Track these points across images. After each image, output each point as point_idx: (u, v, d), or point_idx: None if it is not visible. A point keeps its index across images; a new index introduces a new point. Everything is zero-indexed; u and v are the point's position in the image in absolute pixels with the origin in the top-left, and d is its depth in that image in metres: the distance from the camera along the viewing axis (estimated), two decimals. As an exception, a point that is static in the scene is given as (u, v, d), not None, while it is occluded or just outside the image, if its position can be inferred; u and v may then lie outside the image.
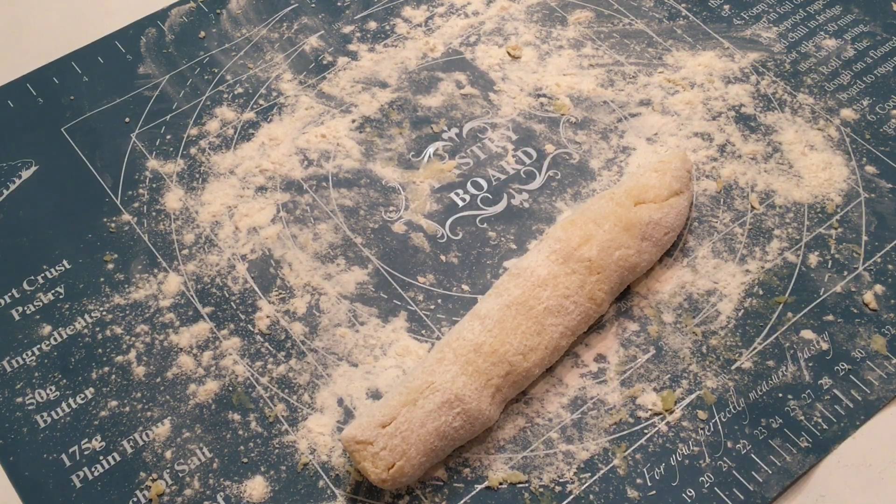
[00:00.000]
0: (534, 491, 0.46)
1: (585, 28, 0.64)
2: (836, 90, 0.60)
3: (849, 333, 0.51)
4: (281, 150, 0.59)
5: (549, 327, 0.48)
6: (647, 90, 0.61)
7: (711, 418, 0.48)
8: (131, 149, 0.59)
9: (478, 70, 0.62)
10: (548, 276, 0.49)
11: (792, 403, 0.48)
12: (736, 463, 0.47)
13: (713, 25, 0.64)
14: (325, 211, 0.56)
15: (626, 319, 0.51)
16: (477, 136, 0.59)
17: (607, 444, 0.47)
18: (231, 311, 0.52)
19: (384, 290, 0.53)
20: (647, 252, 0.51)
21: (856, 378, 0.49)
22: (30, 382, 0.50)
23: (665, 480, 0.46)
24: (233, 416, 0.49)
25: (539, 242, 0.51)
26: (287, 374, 0.50)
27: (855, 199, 0.56)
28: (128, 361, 0.51)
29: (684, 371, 0.50)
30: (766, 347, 0.50)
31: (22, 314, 0.53)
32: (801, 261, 0.53)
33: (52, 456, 0.48)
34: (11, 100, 0.62)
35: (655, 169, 0.53)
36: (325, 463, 0.47)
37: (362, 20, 0.65)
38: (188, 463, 0.48)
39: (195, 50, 0.64)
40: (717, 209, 0.56)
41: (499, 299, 0.48)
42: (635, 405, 0.49)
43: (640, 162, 0.57)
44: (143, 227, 0.56)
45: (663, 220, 0.51)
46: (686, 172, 0.53)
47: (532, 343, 0.47)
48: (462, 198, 0.57)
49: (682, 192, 0.53)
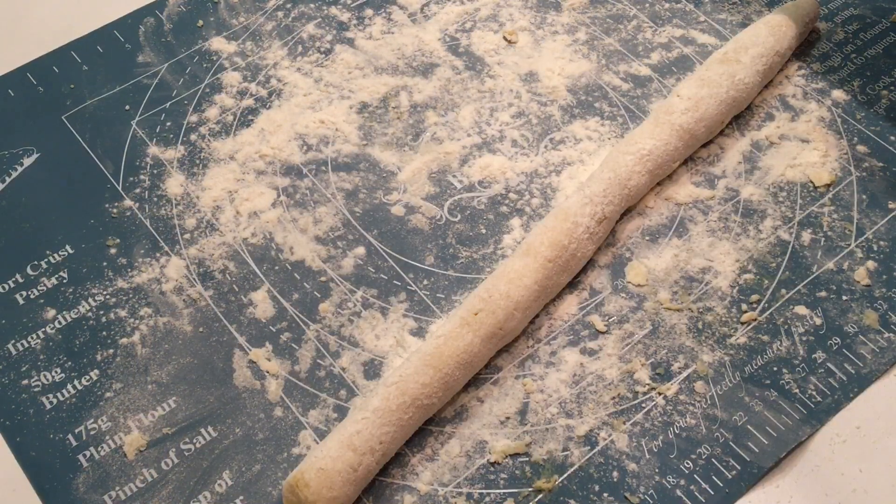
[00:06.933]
0: (535, 463, 0.47)
1: (580, 14, 0.65)
2: (827, 72, 0.61)
3: (841, 309, 0.52)
4: (280, 135, 0.60)
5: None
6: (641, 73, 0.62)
7: (708, 392, 0.49)
8: (132, 136, 0.60)
9: (474, 55, 0.63)
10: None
11: (787, 377, 0.49)
12: (732, 434, 0.48)
13: (705, 9, 0.65)
14: (324, 195, 0.57)
15: (623, 297, 0.52)
16: (474, 120, 0.60)
17: (606, 417, 0.48)
18: (233, 294, 0.53)
19: (384, 272, 0.54)
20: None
21: (849, 352, 0.50)
22: (35, 365, 0.51)
23: (663, 452, 0.47)
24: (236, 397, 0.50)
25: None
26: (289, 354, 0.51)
27: (847, 177, 0.57)
28: (132, 343, 0.51)
29: (681, 346, 0.50)
30: (760, 323, 0.51)
31: (26, 298, 0.53)
32: (795, 238, 0.54)
33: (58, 436, 0.49)
34: (12, 89, 0.62)
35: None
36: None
37: (359, 7, 0.66)
38: (193, 442, 0.48)
39: (193, 38, 0.65)
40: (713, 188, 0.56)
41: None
42: (633, 380, 0.49)
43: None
44: (145, 212, 0.56)
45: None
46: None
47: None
48: (460, 180, 0.58)
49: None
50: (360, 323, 0.52)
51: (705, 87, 0.56)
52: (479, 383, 0.50)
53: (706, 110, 0.56)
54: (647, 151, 0.54)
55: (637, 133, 0.55)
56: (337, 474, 0.44)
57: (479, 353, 0.48)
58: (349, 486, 0.44)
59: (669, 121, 0.55)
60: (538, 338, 0.51)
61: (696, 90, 0.56)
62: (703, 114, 0.56)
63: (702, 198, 0.56)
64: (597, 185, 0.53)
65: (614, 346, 0.51)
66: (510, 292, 0.49)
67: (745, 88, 0.57)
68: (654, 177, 0.55)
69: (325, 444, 0.45)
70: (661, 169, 0.55)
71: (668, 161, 0.55)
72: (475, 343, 0.48)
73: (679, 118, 0.55)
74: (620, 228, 0.55)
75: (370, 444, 0.45)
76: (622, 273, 0.53)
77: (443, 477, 0.47)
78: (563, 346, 0.51)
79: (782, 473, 0.47)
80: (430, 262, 0.54)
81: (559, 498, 0.46)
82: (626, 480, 0.46)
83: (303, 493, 0.44)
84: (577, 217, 0.52)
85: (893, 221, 0.55)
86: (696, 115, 0.56)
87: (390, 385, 0.46)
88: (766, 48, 0.58)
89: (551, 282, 0.50)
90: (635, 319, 0.52)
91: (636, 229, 0.55)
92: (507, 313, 0.49)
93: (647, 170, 0.54)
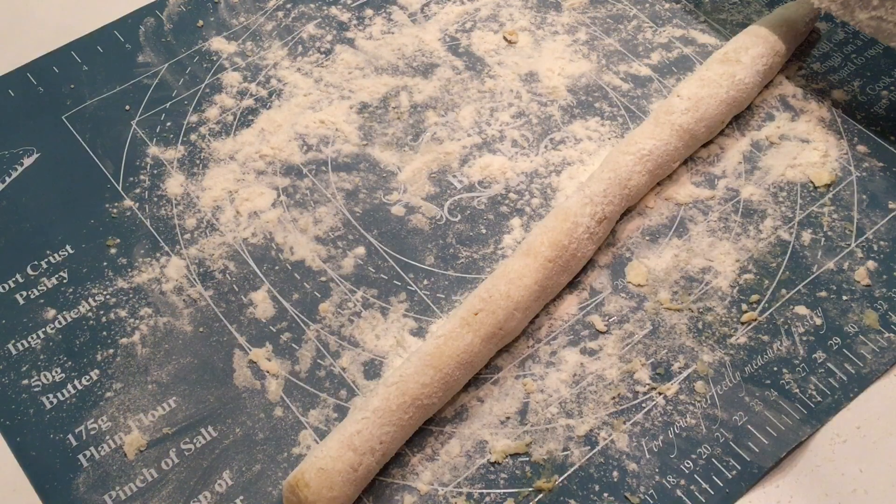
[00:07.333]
0: (535, 463, 0.47)
1: (580, 14, 0.65)
2: (827, 72, 0.61)
3: (842, 309, 0.52)
4: (280, 135, 0.60)
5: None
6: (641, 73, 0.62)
7: (708, 392, 0.49)
8: (132, 136, 0.60)
9: (474, 55, 0.63)
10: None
11: (787, 377, 0.49)
12: (732, 434, 0.48)
13: (705, 9, 0.65)
14: (324, 195, 0.57)
15: (623, 297, 0.52)
16: (474, 120, 0.60)
17: (606, 417, 0.48)
18: (233, 294, 0.53)
19: (384, 272, 0.54)
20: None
21: (849, 352, 0.50)
22: (35, 365, 0.51)
23: (663, 452, 0.47)
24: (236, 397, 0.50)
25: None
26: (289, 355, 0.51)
27: (847, 177, 0.57)
28: (132, 343, 0.51)
29: (681, 346, 0.50)
30: (760, 323, 0.51)
31: (26, 298, 0.53)
32: (795, 238, 0.54)
33: (58, 436, 0.49)
34: (12, 89, 0.62)
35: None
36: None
37: (359, 7, 0.66)
38: (194, 442, 0.48)
39: (193, 38, 0.65)
40: (713, 188, 0.56)
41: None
42: (633, 380, 0.49)
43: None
44: (145, 212, 0.56)
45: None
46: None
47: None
48: (460, 180, 0.58)
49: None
50: (360, 323, 0.52)
51: (705, 87, 0.56)
52: (479, 383, 0.50)
53: (706, 110, 0.56)
54: (647, 151, 0.54)
55: (637, 133, 0.55)
56: (337, 474, 0.44)
57: (479, 353, 0.48)
58: (349, 486, 0.44)
59: (669, 121, 0.55)
60: (538, 338, 0.51)
61: (696, 90, 0.56)
62: (703, 114, 0.56)
63: (702, 198, 0.56)
64: (597, 185, 0.53)
65: (614, 346, 0.51)
66: (510, 292, 0.49)
67: (745, 88, 0.57)
68: (654, 177, 0.55)
69: (326, 444, 0.45)
70: (662, 169, 0.55)
71: (669, 161, 0.55)
72: (475, 343, 0.48)
73: (679, 118, 0.55)
74: (620, 228, 0.55)
75: (370, 444, 0.45)
76: (622, 273, 0.53)
77: (443, 477, 0.47)
78: (563, 346, 0.51)
79: (782, 473, 0.47)
80: (430, 262, 0.54)
81: (559, 498, 0.46)
82: (626, 480, 0.46)
83: (303, 493, 0.44)
84: (577, 217, 0.52)
85: (893, 221, 0.55)
86: (696, 115, 0.56)
87: (390, 385, 0.46)
88: (766, 48, 0.58)
89: (551, 282, 0.50)
90: (635, 319, 0.52)
91: (636, 229, 0.55)
92: (508, 313, 0.49)
93: (648, 170, 0.54)
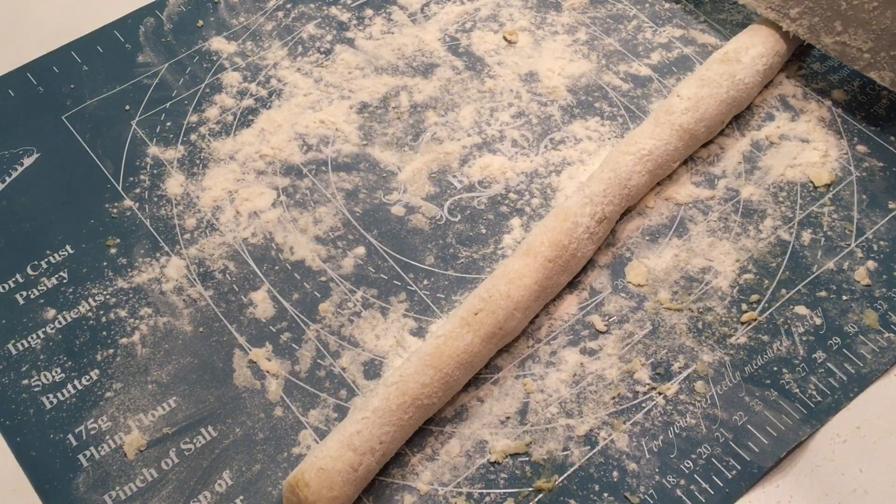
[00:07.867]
0: (535, 463, 0.47)
1: (580, 14, 0.65)
2: (827, 72, 0.61)
3: (842, 309, 0.52)
4: (280, 135, 0.60)
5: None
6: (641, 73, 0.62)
7: (708, 392, 0.49)
8: (132, 136, 0.60)
9: (474, 55, 0.63)
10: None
11: (787, 377, 0.49)
12: (732, 434, 0.48)
13: (705, 9, 0.65)
14: (324, 195, 0.57)
15: (623, 297, 0.52)
16: (474, 120, 0.60)
17: (606, 417, 0.48)
18: (233, 294, 0.53)
19: (384, 272, 0.54)
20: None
21: (849, 352, 0.50)
22: (35, 365, 0.51)
23: (663, 452, 0.47)
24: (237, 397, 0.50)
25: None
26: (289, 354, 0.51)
27: (847, 177, 0.57)
28: (132, 343, 0.51)
29: (681, 346, 0.50)
30: (760, 323, 0.51)
31: (26, 298, 0.53)
32: (795, 238, 0.54)
33: (58, 436, 0.49)
34: (12, 89, 0.62)
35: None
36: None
37: (359, 7, 0.66)
38: (194, 442, 0.48)
39: (193, 38, 0.65)
40: (713, 188, 0.56)
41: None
42: (633, 380, 0.49)
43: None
44: (145, 212, 0.56)
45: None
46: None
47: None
48: (460, 180, 0.58)
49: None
50: (360, 323, 0.52)
51: (705, 87, 0.56)
52: (479, 383, 0.50)
53: (706, 110, 0.56)
54: (647, 151, 0.54)
55: (637, 133, 0.55)
56: (337, 474, 0.44)
57: (479, 353, 0.48)
58: (349, 486, 0.44)
59: (669, 121, 0.55)
60: (538, 338, 0.51)
61: (696, 90, 0.56)
62: (703, 114, 0.56)
63: (702, 198, 0.56)
64: (597, 185, 0.53)
65: (614, 346, 0.51)
66: (510, 292, 0.49)
67: (745, 88, 0.57)
68: (654, 177, 0.55)
69: (326, 443, 0.45)
70: (661, 169, 0.55)
71: (668, 161, 0.55)
72: (475, 343, 0.48)
73: (679, 118, 0.55)
74: (620, 228, 0.55)
75: (370, 443, 0.45)
76: (622, 273, 0.53)
77: (443, 477, 0.47)
78: (563, 346, 0.51)
79: (782, 473, 0.47)
80: (430, 262, 0.54)
81: (559, 498, 0.46)
82: (626, 480, 0.46)
83: (303, 492, 0.44)
84: (577, 217, 0.52)
85: (893, 221, 0.55)
86: (696, 115, 0.56)
87: (390, 385, 0.46)
88: (766, 48, 0.58)
89: (551, 282, 0.50)
90: (635, 319, 0.52)
91: (636, 229, 0.55)
92: (507, 313, 0.49)
93: (647, 170, 0.54)
